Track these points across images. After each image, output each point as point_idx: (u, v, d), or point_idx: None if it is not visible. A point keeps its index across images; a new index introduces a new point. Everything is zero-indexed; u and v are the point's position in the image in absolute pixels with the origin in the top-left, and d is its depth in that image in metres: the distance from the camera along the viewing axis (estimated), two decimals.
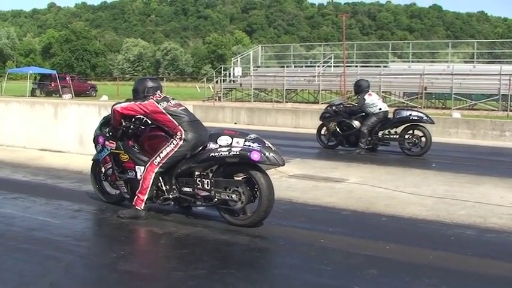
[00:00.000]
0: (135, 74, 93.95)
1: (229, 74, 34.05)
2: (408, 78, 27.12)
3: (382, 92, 26.94)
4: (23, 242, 4.77)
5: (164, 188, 5.54)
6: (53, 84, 38.27)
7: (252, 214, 5.28)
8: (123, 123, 5.75)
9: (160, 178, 5.50)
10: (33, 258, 4.37)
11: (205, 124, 5.81)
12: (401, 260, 4.47)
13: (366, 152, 11.21)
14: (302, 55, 47.34)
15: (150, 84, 5.81)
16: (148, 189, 5.41)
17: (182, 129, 5.40)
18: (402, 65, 31.91)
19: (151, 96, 5.63)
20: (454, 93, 25.08)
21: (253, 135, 5.33)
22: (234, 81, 33.30)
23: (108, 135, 5.90)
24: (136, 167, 5.64)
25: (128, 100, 5.94)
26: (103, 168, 6.03)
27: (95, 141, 6.11)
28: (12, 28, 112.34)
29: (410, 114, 11.26)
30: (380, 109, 11.26)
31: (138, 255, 4.76)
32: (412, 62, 32.39)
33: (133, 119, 5.82)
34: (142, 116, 5.75)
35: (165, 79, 51.96)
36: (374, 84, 26.99)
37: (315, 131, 12.67)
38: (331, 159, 10.54)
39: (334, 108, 11.92)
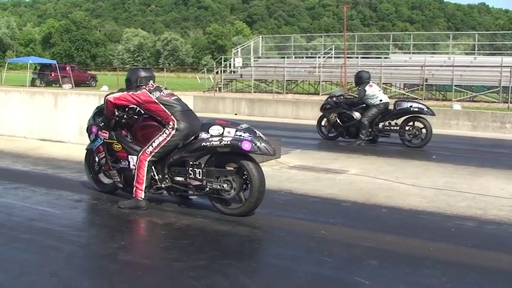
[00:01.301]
0: (135, 64, 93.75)
1: (230, 64, 33.98)
2: (409, 70, 27.10)
3: (383, 83, 26.93)
4: (24, 232, 4.77)
5: (157, 177, 5.58)
6: (53, 74, 38.21)
7: (242, 204, 5.31)
8: (116, 113, 5.78)
9: (153, 167, 5.53)
10: (33, 248, 4.37)
11: (205, 115, 5.84)
12: (402, 252, 4.48)
13: (366, 144, 11.21)
14: (303, 46, 47.27)
15: (142, 74, 5.84)
16: (144, 177, 5.44)
17: (174, 119, 5.43)
18: (403, 56, 31.88)
19: (144, 86, 5.66)
20: (455, 85, 25.05)
21: (244, 125, 5.36)
22: (234, 72, 33.24)
23: (101, 125, 5.94)
24: (129, 156, 5.69)
25: (121, 90, 5.98)
26: (96, 157, 6.07)
27: (88, 130, 6.16)
28: (12, 18, 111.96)
29: (411, 106, 11.23)
30: (381, 100, 11.28)
31: (139, 245, 4.76)
32: (413, 53, 32.33)
33: (126, 109, 5.82)
34: (135, 106, 5.75)
35: (165, 70, 51.85)
36: (375, 76, 26.99)
37: (315, 122, 12.66)
38: (331, 150, 10.53)
39: (334, 99, 11.94)
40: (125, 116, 5.80)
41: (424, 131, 11.09)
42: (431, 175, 7.92)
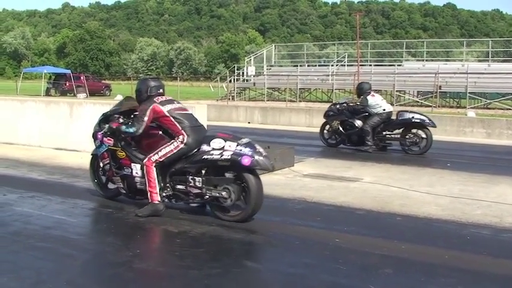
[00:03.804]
0: (149, 73, 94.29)
1: (243, 73, 34.05)
2: (422, 77, 26.98)
3: (396, 91, 26.86)
4: (40, 240, 4.81)
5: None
6: (67, 84, 38.51)
7: (241, 211, 5.42)
8: (121, 121, 5.96)
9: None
10: (49, 256, 4.41)
11: (219, 124, 5.88)
12: (417, 260, 4.45)
13: (375, 151, 11.26)
14: (315, 54, 47.33)
15: (152, 83, 5.95)
16: (156, 180, 5.54)
17: (185, 134, 5.55)
18: (416, 63, 31.75)
19: (154, 98, 5.78)
20: (469, 92, 24.90)
21: (245, 140, 5.45)
22: (247, 80, 33.30)
23: (106, 132, 6.03)
24: (132, 164, 5.81)
25: (127, 98, 6.40)
26: (101, 163, 6.22)
27: (94, 137, 6.28)
28: (27, 28, 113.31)
29: (413, 117, 11.32)
30: (384, 110, 11.43)
31: (154, 253, 4.79)
32: (427, 60, 32.22)
33: (131, 116, 5.99)
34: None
35: (178, 78, 52.03)
36: (388, 83, 27.03)
37: None
38: (345, 158, 10.51)
39: (338, 106, 12.13)
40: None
41: (424, 140, 11.17)
42: (446, 183, 7.87)
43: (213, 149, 5.36)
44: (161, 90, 5.93)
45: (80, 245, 4.71)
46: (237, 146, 5.31)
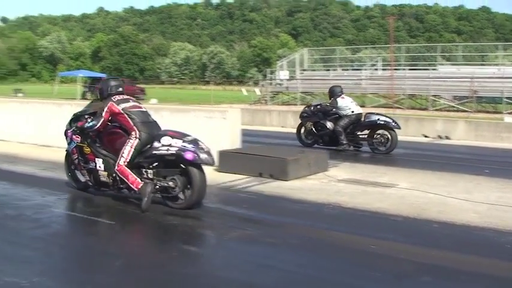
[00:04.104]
0: (183, 77, 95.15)
1: (275, 77, 34.08)
2: (457, 82, 26.58)
3: (432, 95, 26.54)
4: (77, 241, 4.90)
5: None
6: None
7: (185, 200, 6.05)
8: (89, 121, 6.59)
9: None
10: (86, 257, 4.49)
11: (252, 128, 5.92)
12: (455, 268, 4.39)
13: (347, 150, 11.94)
14: (348, 58, 46.95)
15: (112, 83, 6.73)
16: (131, 174, 6.11)
17: (136, 129, 6.19)
18: (451, 68, 31.32)
19: (112, 97, 6.47)
20: (506, 97, 24.44)
21: (190, 138, 6.11)
22: (280, 84, 33.31)
23: (75, 130, 6.76)
24: (96, 158, 6.52)
25: (94, 100, 7.13)
26: (71, 158, 6.92)
27: (65, 134, 7.04)
28: (62, 32, 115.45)
29: (378, 119, 12.02)
30: (352, 111, 12.11)
31: (192, 256, 4.81)
32: (462, 65, 31.72)
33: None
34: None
35: (211, 82, 52.35)
36: (422, 88, 26.74)
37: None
38: (380, 163, 10.42)
39: (312, 108, 12.74)
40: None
41: (389, 141, 11.86)
42: (483, 190, 7.74)
43: (162, 145, 6.03)
44: (120, 89, 6.64)
45: (117, 245, 4.78)
46: (183, 142, 5.98)
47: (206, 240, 5.14)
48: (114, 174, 6.30)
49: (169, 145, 6.01)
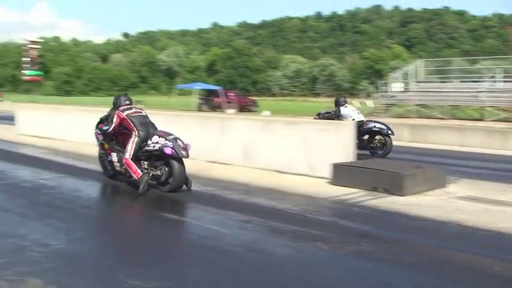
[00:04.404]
0: (293, 90, 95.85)
1: (389, 89, 33.37)
2: None
3: None
4: (197, 249, 5.06)
5: (121, 169, 8.28)
6: (217, 100, 40.20)
7: (169, 185, 7.69)
8: (105, 124, 8.58)
9: (118, 163, 8.30)
10: (206, 265, 4.61)
11: None
12: None
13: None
14: (465, 70, 45.02)
15: (122, 98, 8.68)
16: (133, 165, 7.85)
17: (136, 129, 8.04)
18: None
19: (121, 107, 8.38)
20: None
21: (172, 136, 7.77)
22: (393, 96, 32.57)
23: (99, 130, 8.72)
24: (112, 153, 8.50)
25: (112, 109, 8.63)
26: (99, 153, 8.92)
27: (95, 134, 8.92)
28: (179, 47, 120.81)
29: (374, 126, 13.39)
30: (353, 119, 12.92)
31: (307, 269, 4.78)
32: None
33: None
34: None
35: (321, 94, 52.25)
36: None
37: (484, 151, 12.11)
38: (500, 180, 9.82)
39: (321, 116, 14.10)
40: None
41: (384, 145, 13.18)
42: None
43: (152, 142, 7.76)
44: (127, 102, 8.54)
45: (234, 256, 4.87)
46: (165, 140, 7.67)
47: (321, 254, 5.09)
48: (118, 166, 8.29)
49: (156, 142, 7.71)
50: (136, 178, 7.72)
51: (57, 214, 6.42)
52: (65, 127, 14.72)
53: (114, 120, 8.26)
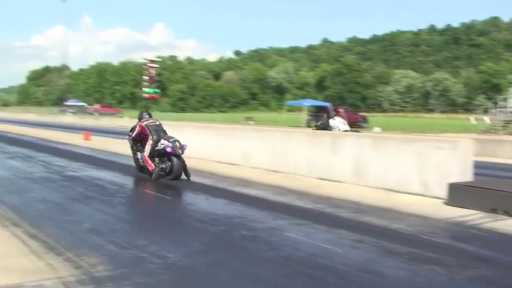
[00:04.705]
0: (405, 105, 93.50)
1: (508, 104, 31.63)
2: None
3: None
4: (308, 267, 5.05)
5: (142, 164, 11.01)
6: (326, 116, 39.98)
7: (172, 175, 10.45)
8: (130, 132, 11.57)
9: (140, 159, 11.10)
10: (317, 285, 4.59)
11: (481, 159, 5.57)
12: None
13: None
14: None
15: (144, 114, 11.58)
16: (150, 161, 10.73)
17: (150, 135, 10.89)
18: None
19: (142, 120, 11.28)
20: None
21: (172, 139, 10.58)
22: None
23: (129, 136, 11.49)
24: (138, 153, 11.25)
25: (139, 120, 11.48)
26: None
27: (127, 139, 11.74)
28: (289, 63, 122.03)
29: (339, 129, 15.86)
30: (339, 129, 15.94)
31: None
32: None
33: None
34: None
35: (435, 110, 50.54)
36: None
37: None
38: None
39: (316, 127, 17.11)
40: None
41: None
42: None
43: (160, 144, 10.60)
44: (147, 116, 11.40)
45: (347, 276, 4.81)
46: (168, 142, 10.48)
47: (438, 278, 4.90)
48: (141, 162, 11.02)
49: (162, 144, 10.54)
50: (151, 170, 10.62)
51: (174, 227, 6.69)
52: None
53: (136, 129, 11.25)
